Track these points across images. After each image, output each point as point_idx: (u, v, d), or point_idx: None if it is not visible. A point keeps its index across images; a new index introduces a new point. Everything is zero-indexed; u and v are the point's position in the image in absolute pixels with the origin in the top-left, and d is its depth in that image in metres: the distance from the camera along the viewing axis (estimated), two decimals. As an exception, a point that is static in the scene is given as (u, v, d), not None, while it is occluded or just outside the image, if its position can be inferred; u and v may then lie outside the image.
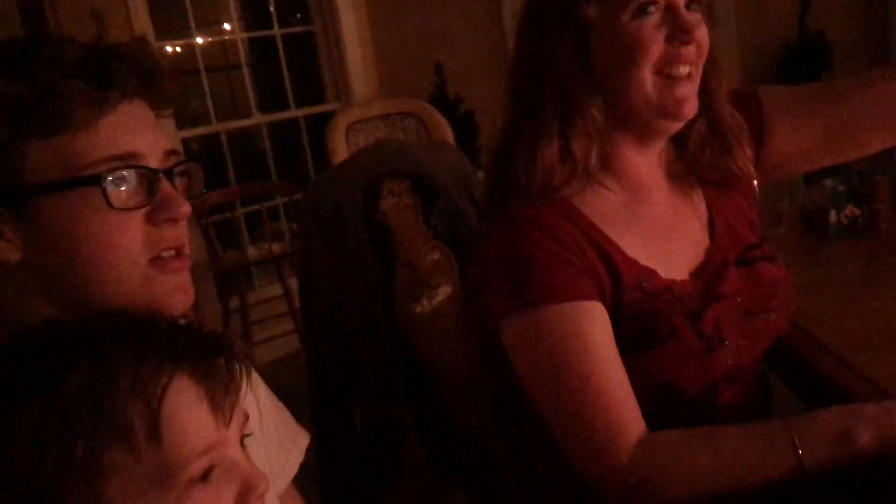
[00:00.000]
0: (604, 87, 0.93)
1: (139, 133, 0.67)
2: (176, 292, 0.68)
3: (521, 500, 1.12)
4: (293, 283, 3.01)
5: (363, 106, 3.45)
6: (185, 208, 0.68)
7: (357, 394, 1.39)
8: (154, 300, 0.66)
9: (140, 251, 0.66)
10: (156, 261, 0.67)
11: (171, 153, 0.69)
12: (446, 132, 3.01)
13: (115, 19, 2.97)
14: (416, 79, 3.52)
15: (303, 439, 0.90)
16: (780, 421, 0.85)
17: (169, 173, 0.68)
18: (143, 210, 0.66)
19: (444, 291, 1.26)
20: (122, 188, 0.65)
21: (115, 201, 0.64)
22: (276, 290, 3.28)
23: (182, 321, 0.61)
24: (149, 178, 0.66)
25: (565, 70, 0.92)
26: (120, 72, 0.66)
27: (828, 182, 1.43)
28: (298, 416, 0.92)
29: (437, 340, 1.27)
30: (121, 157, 0.65)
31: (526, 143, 0.94)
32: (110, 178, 0.64)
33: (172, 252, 0.68)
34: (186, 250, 0.70)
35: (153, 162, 0.67)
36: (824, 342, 1.08)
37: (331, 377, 1.36)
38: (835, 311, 1.17)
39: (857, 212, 1.40)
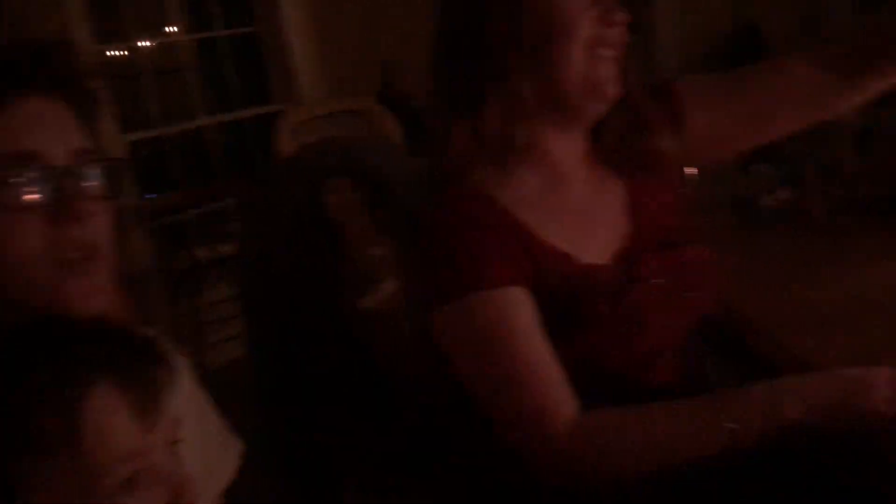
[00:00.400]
0: (534, 65, 0.94)
1: (39, 131, 0.65)
2: (85, 295, 0.66)
3: (475, 487, 1.14)
4: (245, 284, 2.98)
5: (310, 105, 3.44)
6: (86, 207, 0.66)
7: (308, 392, 1.39)
8: (64, 303, 0.64)
9: (42, 252, 0.64)
10: (63, 262, 0.65)
11: (82, 152, 0.68)
12: (394, 130, 3.02)
13: (50, 24, 2.91)
14: (365, 77, 3.51)
15: (237, 446, 0.90)
16: (711, 397, 0.89)
17: (75, 172, 0.67)
18: (42, 210, 0.64)
19: (389, 286, 1.28)
20: (19, 187, 0.63)
21: (8, 200, 0.63)
22: (228, 291, 3.25)
23: (109, 326, 0.60)
24: (47, 177, 0.65)
25: (496, 47, 0.93)
26: (22, 69, 0.65)
27: (759, 168, 1.48)
28: (253, 417, 0.92)
29: (384, 334, 1.28)
30: (16, 156, 0.63)
31: (441, 128, 0.95)
32: (4, 178, 0.63)
33: (81, 253, 0.66)
34: (101, 251, 0.68)
35: (56, 160, 0.66)
36: (756, 322, 1.12)
37: (279, 377, 1.37)
38: (766, 292, 1.21)
39: (788, 196, 1.45)
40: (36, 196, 0.64)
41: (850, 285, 1.18)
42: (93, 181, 0.68)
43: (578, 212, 0.99)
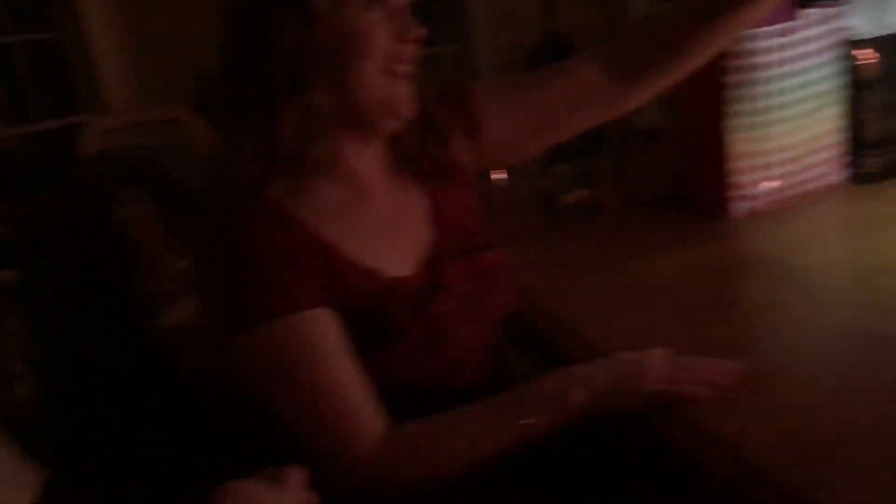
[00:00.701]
0: (328, 79, 0.92)
1: None
2: None
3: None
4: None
5: (117, 114, 3.25)
6: None
7: (116, 419, 1.31)
8: None
9: None
10: None
11: None
12: (208, 139, 2.91)
13: None
14: (181, 84, 3.36)
15: (34, 479, 0.84)
16: (507, 394, 0.91)
17: None
18: None
19: (192, 301, 1.23)
20: None
21: None
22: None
23: None
24: None
25: (288, 59, 0.90)
26: None
27: (559, 167, 1.54)
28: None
29: (191, 350, 1.23)
30: None
31: (232, 140, 0.92)
32: None
33: None
34: None
35: None
36: (554, 313, 1.17)
37: (75, 405, 1.28)
38: (568, 285, 1.26)
39: (586, 194, 1.53)
40: None
41: (638, 274, 1.26)
42: None
43: (381, 224, 0.99)
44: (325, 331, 0.89)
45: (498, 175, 1.66)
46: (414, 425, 0.89)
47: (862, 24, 1.41)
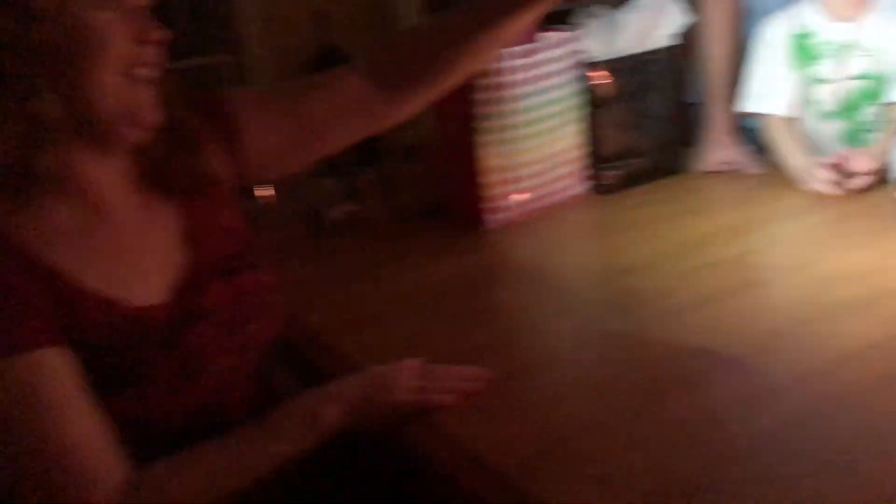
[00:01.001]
0: (57, 84, 0.82)
1: None
2: None
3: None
4: None
5: None
6: None
7: None
8: None
9: None
10: None
11: None
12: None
13: None
14: None
15: None
16: (260, 420, 0.88)
17: None
18: None
19: None
20: None
21: None
22: None
23: None
24: None
25: (6, 63, 0.79)
26: None
27: (325, 181, 1.54)
28: None
29: None
30: None
31: None
32: None
33: None
34: None
35: None
36: (316, 330, 1.17)
37: None
38: (331, 300, 1.27)
39: (352, 207, 1.54)
40: None
41: (400, 287, 1.29)
42: None
43: (125, 247, 0.90)
44: (52, 374, 0.79)
45: (264, 191, 1.62)
46: (159, 465, 0.83)
47: (596, 47, 1.55)
